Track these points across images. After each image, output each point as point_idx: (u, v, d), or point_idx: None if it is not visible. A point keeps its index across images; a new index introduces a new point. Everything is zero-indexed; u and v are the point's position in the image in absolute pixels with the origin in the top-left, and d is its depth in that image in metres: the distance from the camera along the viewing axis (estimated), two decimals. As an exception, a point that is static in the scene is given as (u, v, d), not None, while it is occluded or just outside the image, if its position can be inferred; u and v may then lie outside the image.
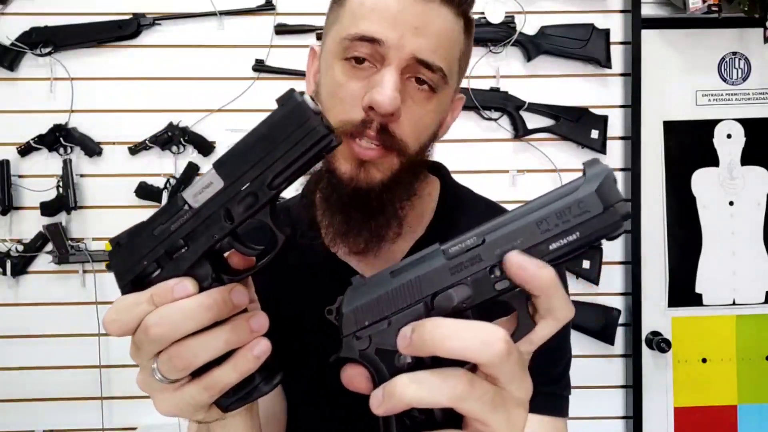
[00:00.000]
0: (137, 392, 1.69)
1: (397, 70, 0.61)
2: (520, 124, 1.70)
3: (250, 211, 0.42)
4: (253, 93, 1.69)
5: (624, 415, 1.77)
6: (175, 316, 0.41)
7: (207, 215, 0.42)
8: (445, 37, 0.63)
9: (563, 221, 0.36)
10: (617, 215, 0.35)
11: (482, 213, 0.80)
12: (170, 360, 0.42)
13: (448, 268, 0.38)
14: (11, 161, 1.66)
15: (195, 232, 0.43)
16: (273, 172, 0.41)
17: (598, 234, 0.36)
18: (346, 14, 0.65)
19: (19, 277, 1.69)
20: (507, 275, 0.37)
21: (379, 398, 0.38)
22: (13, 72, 1.67)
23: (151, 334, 0.41)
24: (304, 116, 0.40)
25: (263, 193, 0.41)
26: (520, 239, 0.37)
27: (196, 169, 1.70)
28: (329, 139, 0.40)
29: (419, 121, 0.64)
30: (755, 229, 1.78)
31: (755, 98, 1.78)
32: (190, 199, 0.43)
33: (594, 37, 1.69)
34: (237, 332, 0.42)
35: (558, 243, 0.36)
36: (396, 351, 0.38)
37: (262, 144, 0.41)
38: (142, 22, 1.67)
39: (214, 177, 0.42)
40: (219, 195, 0.42)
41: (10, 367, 1.70)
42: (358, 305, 0.41)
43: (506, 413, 0.37)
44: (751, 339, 1.78)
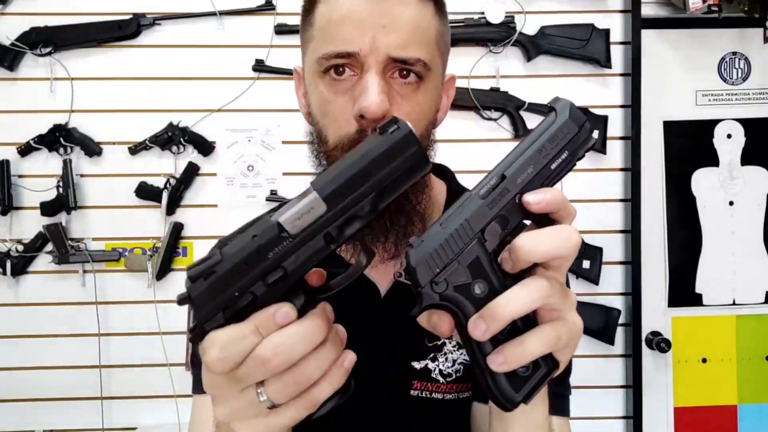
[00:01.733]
0: (137, 392, 1.69)
1: (378, 73, 0.62)
2: (520, 124, 1.70)
3: (351, 233, 0.44)
4: (253, 93, 1.69)
5: (624, 415, 1.77)
6: (289, 343, 0.42)
7: (308, 240, 0.43)
8: (415, 26, 0.64)
9: (555, 145, 0.47)
10: (587, 130, 0.47)
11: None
12: (285, 385, 0.42)
13: (486, 205, 0.46)
14: (11, 161, 1.66)
15: (294, 257, 0.43)
16: (379, 197, 0.44)
17: (580, 147, 0.47)
18: (317, 32, 0.66)
19: (19, 277, 1.69)
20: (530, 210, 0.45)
21: (481, 326, 0.43)
22: (13, 72, 1.67)
23: (271, 365, 0.41)
24: (413, 143, 0.44)
25: (365, 216, 0.44)
26: (531, 166, 0.46)
27: (196, 169, 1.70)
28: (428, 165, 0.45)
29: (412, 114, 0.65)
30: (755, 229, 1.78)
31: (755, 98, 1.78)
32: (289, 225, 0.43)
33: (594, 37, 1.69)
34: (336, 348, 0.45)
35: (556, 162, 0.47)
36: (470, 283, 0.45)
37: (367, 170, 0.43)
38: (142, 22, 1.66)
39: (316, 202, 0.43)
40: (322, 219, 0.43)
41: (10, 367, 1.70)
42: (425, 257, 0.46)
43: (569, 297, 0.46)
44: (751, 339, 1.78)
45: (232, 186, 1.71)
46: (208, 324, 0.43)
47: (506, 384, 0.45)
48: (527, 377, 0.45)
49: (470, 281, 0.45)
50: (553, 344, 0.44)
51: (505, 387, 0.45)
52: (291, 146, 1.69)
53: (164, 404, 1.68)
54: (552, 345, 0.44)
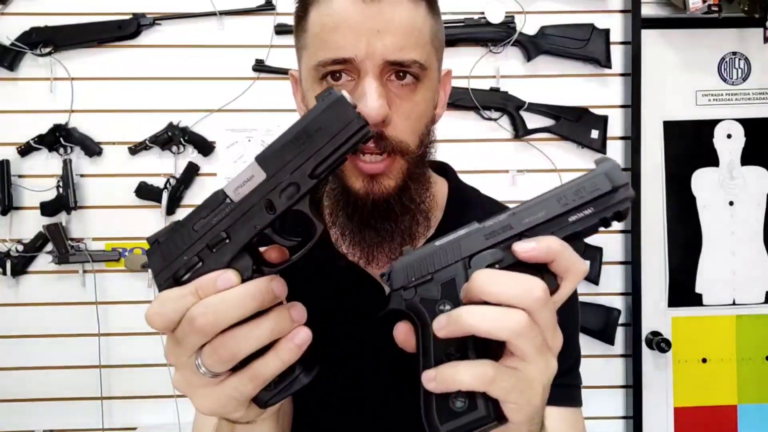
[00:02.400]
0: (137, 392, 1.69)
1: (375, 78, 0.62)
2: (520, 124, 1.70)
3: (292, 200, 0.44)
4: (253, 93, 1.69)
5: (624, 415, 1.77)
6: (221, 306, 0.42)
7: (249, 207, 0.44)
8: (410, 27, 0.63)
9: (579, 197, 0.43)
10: (624, 195, 0.42)
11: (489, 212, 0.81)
12: (215, 351, 0.43)
13: (483, 234, 0.45)
14: (11, 161, 1.66)
15: (236, 224, 0.44)
16: (315, 161, 0.44)
17: (608, 209, 0.43)
18: (311, 39, 0.66)
19: (19, 277, 1.69)
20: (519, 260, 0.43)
21: (443, 323, 0.42)
22: (13, 72, 1.67)
23: (197, 324, 0.42)
24: (344, 109, 0.44)
25: (305, 183, 0.44)
26: (543, 211, 0.44)
27: (196, 169, 1.70)
28: (366, 129, 0.44)
29: (411, 115, 0.65)
30: (755, 229, 1.78)
31: (755, 98, 1.78)
32: (231, 192, 0.44)
33: (594, 37, 1.69)
34: (279, 321, 0.44)
35: (575, 216, 0.43)
36: (437, 300, 0.45)
37: (304, 136, 0.44)
38: (142, 22, 1.66)
39: (255, 170, 0.44)
40: (261, 187, 0.44)
41: (10, 367, 1.70)
42: (406, 264, 0.47)
43: (545, 358, 0.42)
44: (751, 339, 1.78)
45: (232, 186, 1.70)
46: (161, 287, 0.46)
47: (434, 410, 0.43)
48: (458, 413, 0.43)
49: (438, 298, 0.45)
50: (487, 383, 0.41)
51: (432, 413, 0.44)
52: (291, 146, 1.69)
53: (164, 404, 1.68)
54: (485, 383, 0.41)
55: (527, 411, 0.43)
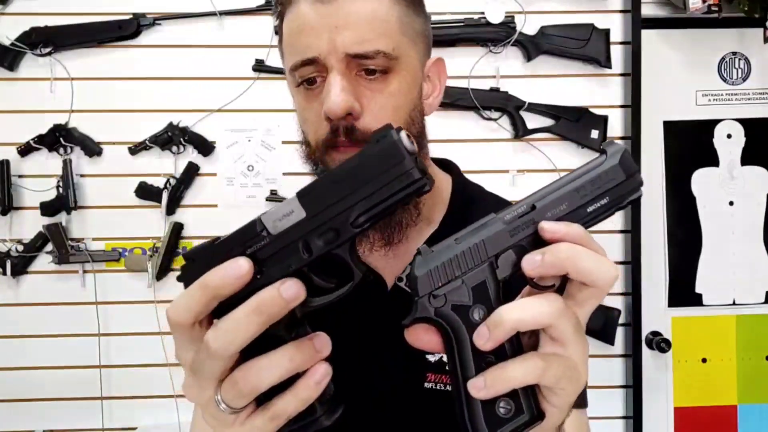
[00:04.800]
0: (137, 392, 1.68)
1: (340, 73, 0.63)
2: (520, 124, 1.70)
3: (329, 246, 0.41)
4: (253, 93, 1.69)
5: (624, 415, 1.77)
6: (228, 326, 0.40)
7: (285, 244, 0.41)
8: (370, 19, 0.64)
9: (596, 188, 0.44)
10: (636, 181, 0.44)
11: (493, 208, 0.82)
12: (235, 385, 0.41)
13: (507, 232, 0.44)
14: (11, 161, 1.66)
15: (271, 259, 0.41)
16: (358, 210, 0.40)
17: (623, 197, 0.44)
18: (285, 47, 0.69)
19: (19, 277, 1.69)
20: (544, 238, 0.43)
21: (485, 334, 0.41)
22: (13, 72, 1.67)
23: (212, 349, 0.40)
24: (398, 157, 0.39)
25: (345, 230, 0.40)
26: (565, 203, 0.44)
27: (196, 169, 1.70)
28: (422, 183, 0.40)
29: (386, 106, 0.66)
30: (755, 229, 1.78)
31: (755, 98, 1.78)
32: (269, 224, 0.42)
33: (594, 37, 1.69)
34: (301, 350, 0.41)
35: (593, 206, 0.44)
36: (470, 306, 0.43)
37: (351, 180, 0.40)
38: (142, 22, 1.66)
39: (295, 206, 0.41)
40: (299, 225, 0.41)
41: (10, 367, 1.70)
42: (431, 268, 0.44)
43: (582, 337, 0.43)
44: (751, 339, 1.78)
45: (232, 186, 1.71)
46: None
47: (482, 419, 0.42)
48: (506, 420, 0.42)
49: (471, 304, 0.43)
50: (539, 375, 0.41)
51: (480, 422, 0.42)
52: (291, 146, 1.69)
53: (164, 404, 1.68)
54: (537, 375, 0.41)
55: (574, 394, 0.43)
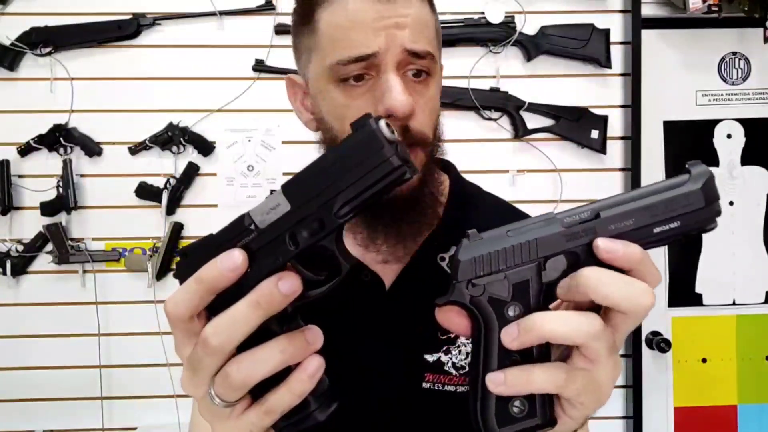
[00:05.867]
0: (137, 392, 1.68)
1: (397, 72, 0.64)
2: (520, 124, 1.70)
3: (314, 238, 0.40)
4: (253, 93, 1.69)
5: (624, 415, 1.77)
6: (228, 323, 0.40)
7: (272, 237, 0.41)
8: (421, 21, 0.66)
9: (670, 210, 0.41)
10: (714, 211, 0.41)
11: (491, 209, 0.83)
12: (226, 378, 0.41)
13: (564, 236, 0.42)
14: (11, 161, 1.66)
15: (259, 252, 0.41)
16: (341, 200, 0.40)
17: (696, 225, 0.42)
18: (325, 40, 0.66)
19: (19, 277, 1.69)
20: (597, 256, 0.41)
21: (514, 333, 0.41)
22: (13, 72, 1.67)
23: (210, 345, 0.40)
24: (377, 145, 0.39)
25: (329, 221, 0.40)
26: (632, 219, 0.41)
27: (196, 169, 1.70)
28: (402, 170, 0.39)
29: (427, 108, 0.68)
30: (755, 229, 1.78)
31: (755, 98, 1.78)
32: (257, 218, 0.42)
33: (594, 37, 1.69)
34: (292, 342, 0.41)
35: (661, 228, 0.41)
36: (507, 301, 0.42)
37: (333, 170, 0.40)
38: (142, 22, 1.66)
39: (281, 199, 0.41)
40: (285, 218, 0.41)
41: (10, 367, 1.70)
42: (476, 256, 0.43)
43: (614, 359, 0.42)
44: (751, 339, 1.78)
45: (232, 186, 1.71)
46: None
47: (493, 413, 0.42)
48: (517, 419, 0.42)
49: (508, 300, 0.43)
50: (561, 386, 0.41)
51: (490, 416, 0.42)
52: (291, 146, 1.69)
53: (164, 404, 1.68)
54: (559, 386, 0.41)
55: (593, 411, 0.43)
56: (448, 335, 0.74)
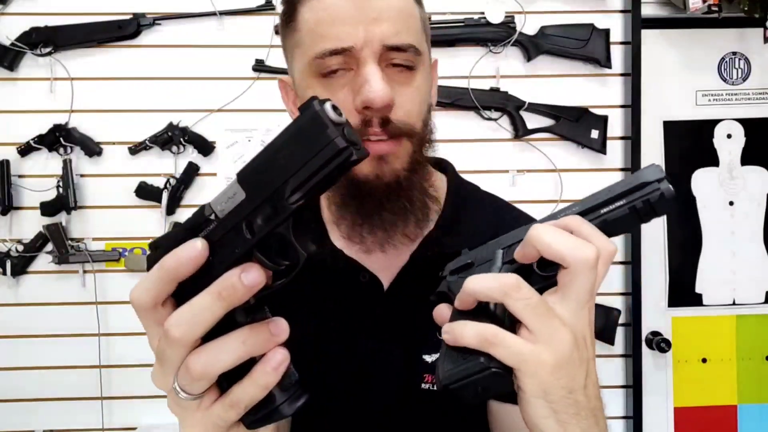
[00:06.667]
0: (137, 392, 1.68)
1: (377, 64, 0.64)
2: (520, 124, 1.70)
3: (269, 225, 0.39)
4: (253, 93, 1.69)
5: (624, 415, 1.77)
6: (189, 314, 0.40)
7: (231, 226, 0.40)
8: (402, 14, 0.66)
9: (610, 191, 0.46)
10: (658, 189, 0.45)
11: (489, 209, 0.83)
12: (187, 370, 0.40)
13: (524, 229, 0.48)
14: (11, 161, 1.66)
15: (220, 242, 0.41)
16: (292, 185, 0.39)
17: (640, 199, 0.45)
18: (306, 35, 0.66)
19: (19, 277, 1.68)
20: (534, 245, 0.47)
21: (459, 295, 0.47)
22: (13, 72, 1.67)
23: (171, 335, 0.40)
24: (321, 127, 0.38)
25: (282, 207, 0.39)
26: (577, 206, 0.47)
27: (196, 169, 1.70)
28: (348, 152, 0.37)
29: (412, 100, 0.67)
30: (755, 229, 1.78)
31: (755, 98, 1.78)
32: (217, 208, 0.41)
33: (594, 37, 1.69)
34: (255, 334, 0.41)
35: (608, 207, 0.46)
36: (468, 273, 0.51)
37: (282, 155, 0.39)
38: (142, 22, 1.66)
39: (236, 188, 0.41)
40: (241, 206, 0.40)
41: (10, 367, 1.70)
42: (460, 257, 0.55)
43: (552, 326, 0.43)
44: (751, 339, 1.78)
45: (232, 186, 1.70)
46: None
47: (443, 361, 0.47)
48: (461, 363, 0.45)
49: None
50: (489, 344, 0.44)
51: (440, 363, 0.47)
52: (291, 146, 1.69)
53: (164, 404, 1.67)
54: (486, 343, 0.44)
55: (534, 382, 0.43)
56: None
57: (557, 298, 0.45)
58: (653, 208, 0.45)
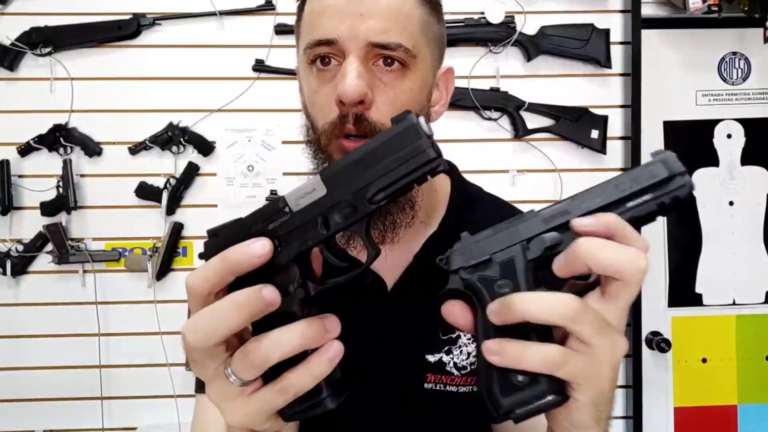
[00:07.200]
0: (137, 392, 1.68)
1: (357, 59, 0.63)
2: (520, 124, 1.70)
3: (346, 222, 0.43)
4: (253, 93, 1.69)
5: (624, 415, 1.77)
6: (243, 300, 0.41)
7: (305, 220, 0.43)
8: (395, 13, 0.64)
9: (636, 183, 0.44)
10: (681, 182, 0.44)
11: (492, 210, 0.83)
12: (246, 356, 0.42)
13: (541, 220, 0.45)
14: (11, 161, 1.66)
15: (291, 234, 0.43)
16: (376, 187, 0.42)
17: (667, 195, 0.43)
18: (304, 26, 0.68)
19: (19, 277, 1.68)
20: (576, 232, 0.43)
21: (496, 308, 0.43)
22: (13, 72, 1.67)
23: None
24: (416, 136, 0.42)
25: (363, 207, 0.42)
26: (600, 197, 0.44)
27: (196, 169, 1.70)
28: (437, 162, 0.42)
29: (395, 100, 0.65)
30: (755, 229, 1.78)
31: (755, 98, 1.78)
32: (292, 202, 0.44)
33: (594, 37, 1.69)
34: (312, 327, 0.42)
35: (634, 202, 0.43)
36: (496, 279, 0.45)
37: (371, 159, 0.42)
38: (142, 22, 1.66)
39: (318, 184, 0.43)
40: (320, 202, 0.43)
41: (10, 367, 1.70)
42: (464, 246, 0.47)
43: (610, 339, 0.42)
44: (751, 339, 1.78)
45: (232, 186, 1.71)
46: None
47: (497, 386, 0.43)
48: (519, 387, 0.42)
49: (497, 278, 0.45)
50: (555, 368, 0.41)
51: (494, 387, 0.43)
52: (291, 146, 1.69)
53: (164, 404, 1.68)
54: (553, 368, 0.41)
55: (592, 392, 0.43)
56: (449, 335, 0.74)
57: (606, 306, 0.43)
58: (680, 204, 0.44)
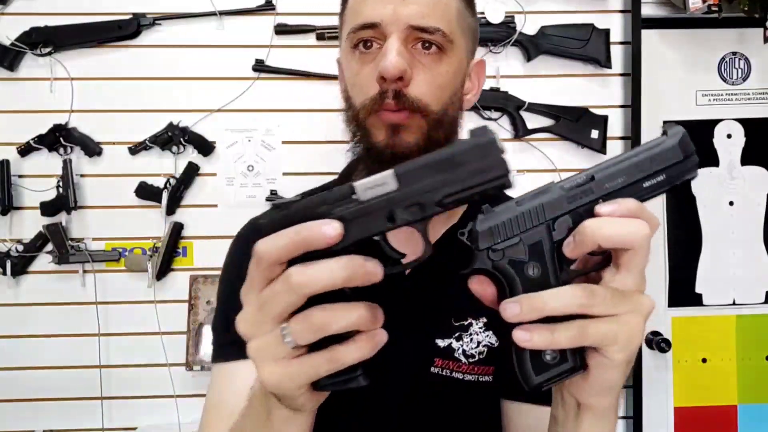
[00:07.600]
0: (137, 392, 1.68)
1: (398, 39, 0.68)
2: (520, 124, 1.70)
3: (412, 218, 0.45)
4: (253, 93, 1.69)
5: (624, 415, 1.76)
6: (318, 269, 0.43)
7: (371, 210, 0.45)
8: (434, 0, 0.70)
9: (655, 164, 0.47)
10: (692, 162, 0.47)
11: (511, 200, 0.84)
12: (307, 318, 0.43)
13: (566, 199, 0.47)
14: (11, 161, 1.66)
15: (355, 221, 0.45)
16: (447, 191, 0.45)
17: (678, 175, 0.47)
18: (349, 13, 0.73)
19: (19, 277, 1.68)
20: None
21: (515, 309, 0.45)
22: (13, 72, 1.67)
23: (291, 281, 0.43)
24: (494, 151, 0.45)
25: (430, 207, 0.45)
26: (622, 177, 0.47)
27: (196, 169, 1.70)
28: (507, 178, 0.45)
29: (433, 81, 0.70)
30: (755, 229, 1.78)
31: (755, 98, 1.78)
32: (360, 191, 0.45)
33: (594, 37, 1.69)
34: (370, 311, 0.45)
35: (650, 182, 0.47)
36: (525, 262, 0.47)
37: (446, 164, 0.45)
38: (142, 22, 1.66)
39: (389, 178, 0.45)
40: (389, 195, 0.45)
41: (10, 367, 1.70)
42: (492, 225, 0.48)
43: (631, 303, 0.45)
44: (751, 339, 1.78)
45: (232, 186, 1.71)
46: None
47: (529, 365, 0.47)
48: (551, 365, 0.46)
49: (527, 260, 0.47)
50: (582, 342, 0.45)
51: (528, 368, 0.47)
52: (291, 146, 1.69)
53: (164, 404, 1.68)
54: (580, 342, 0.45)
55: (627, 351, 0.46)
56: (461, 322, 0.75)
57: (622, 276, 0.46)
58: (686, 182, 0.48)
